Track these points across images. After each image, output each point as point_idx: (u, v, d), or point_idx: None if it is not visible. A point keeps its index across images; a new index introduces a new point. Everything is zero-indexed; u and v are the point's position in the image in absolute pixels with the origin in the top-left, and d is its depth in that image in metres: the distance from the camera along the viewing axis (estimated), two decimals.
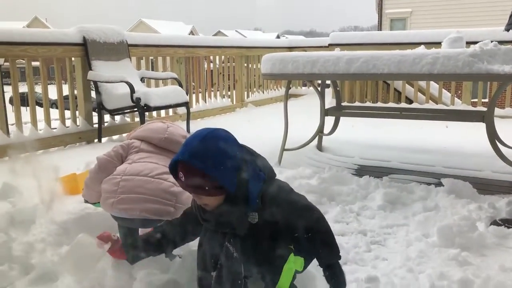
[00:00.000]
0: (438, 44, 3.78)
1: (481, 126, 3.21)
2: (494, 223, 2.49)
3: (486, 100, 6.40)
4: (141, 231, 2.13)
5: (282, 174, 3.31)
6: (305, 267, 1.70)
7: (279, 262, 1.62)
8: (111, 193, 2.01)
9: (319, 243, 1.68)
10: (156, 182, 2.00)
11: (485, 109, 3.49)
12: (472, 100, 6.04)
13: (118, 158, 2.21)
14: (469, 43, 3.40)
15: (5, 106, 4.38)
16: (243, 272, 1.61)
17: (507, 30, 2.51)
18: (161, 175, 2.03)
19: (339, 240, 2.31)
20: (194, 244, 1.94)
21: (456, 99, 6.15)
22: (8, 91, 4.79)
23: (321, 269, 1.73)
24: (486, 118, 3.19)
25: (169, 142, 2.20)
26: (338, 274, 1.69)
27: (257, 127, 5.26)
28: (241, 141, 1.71)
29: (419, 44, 4.07)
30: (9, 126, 4.17)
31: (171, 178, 1.80)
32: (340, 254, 1.72)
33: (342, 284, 1.69)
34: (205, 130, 1.61)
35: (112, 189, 2.02)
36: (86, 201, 2.27)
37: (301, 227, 1.63)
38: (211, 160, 1.53)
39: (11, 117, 4.28)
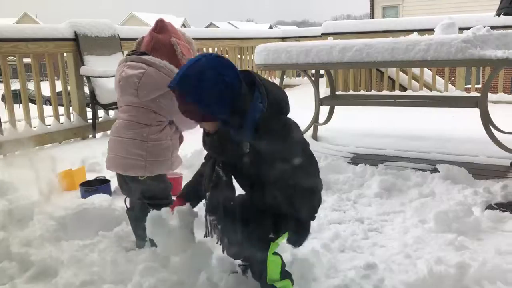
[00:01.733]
0: (431, 30, 3.79)
1: (475, 112, 3.22)
2: (490, 207, 2.51)
3: (480, 86, 6.42)
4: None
5: None
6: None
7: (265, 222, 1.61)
8: None
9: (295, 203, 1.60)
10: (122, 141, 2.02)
11: (478, 94, 3.50)
12: (466, 86, 6.06)
13: None
14: (461, 29, 3.40)
15: None
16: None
17: (498, 15, 2.52)
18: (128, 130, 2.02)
19: (336, 228, 2.34)
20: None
21: (450, 85, 6.16)
22: (0, 88, 4.76)
23: (319, 255, 1.72)
24: (480, 103, 3.20)
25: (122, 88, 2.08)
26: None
27: None
28: None
29: (412, 31, 4.07)
30: (2, 124, 4.14)
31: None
32: (314, 215, 1.69)
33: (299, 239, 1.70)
34: (199, 57, 1.57)
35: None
36: None
37: (286, 172, 1.56)
38: (199, 89, 1.51)
39: (4, 115, 4.25)
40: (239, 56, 7.52)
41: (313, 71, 4.37)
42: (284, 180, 1.55)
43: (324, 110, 4.05)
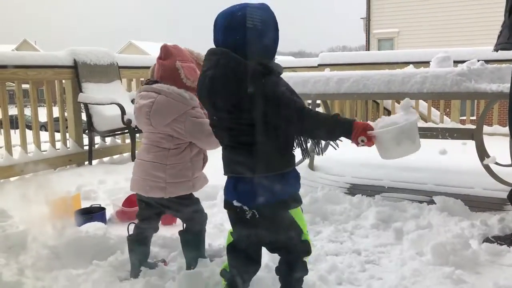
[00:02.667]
0: (426, 63, 3.85)
1: (471, 144, 3.24)
2: (487, 240, 2.50)
3: (474, 117, 6.48)
4: None
5: None
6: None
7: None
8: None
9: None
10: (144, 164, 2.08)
11: (474, 126, 3.53)
12: (461, 118, 6.12)
13: None
14: (456, 63, 3.46)
15: None
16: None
17: (496, 50, 2.56)
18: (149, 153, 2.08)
19: (333, 260, 2.32)
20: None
21: (445, 117, 6.22)
22: None
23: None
24: (475, 135, 3.22)
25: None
26: None
27: None
28: None
29: (407, 63, 4.13)
30: None
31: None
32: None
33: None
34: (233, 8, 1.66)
35: None
36: None
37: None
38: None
39: (0, 140, 4.25)
40: None
41: (310, 101, 4.40)
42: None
43: None
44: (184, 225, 2.19)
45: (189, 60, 2.12)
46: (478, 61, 3.05)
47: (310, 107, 3.36)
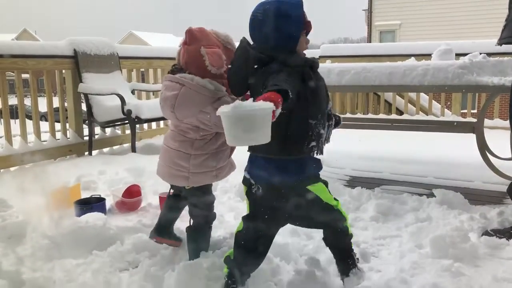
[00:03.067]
0: (428, 56, 3.83)
1: (471, 137, 3.24)
2: (486, 233, 2.50)
3: (475, 111, 6.47)
4: None
5: None
6: None
7: None
8: None
9: None
10: (170, 151, 2.10)
11: (474, 120, 3.52)
12: (462, 111, 6.11)
13: None
14: (458, 55, 3.44)
15: None
16: None
17: (500, 44, 2.54)
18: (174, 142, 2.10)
19: None
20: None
21: (446, 110, 6.21)
22: None
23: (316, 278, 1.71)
24: (476, 129, 3.22)
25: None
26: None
27: None
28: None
29: (409, 56, 4.11)
30: None
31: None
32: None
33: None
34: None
35: None
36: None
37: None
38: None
39: (0, 130, 4.24)
40: None
41: None
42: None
43: None
44: (191, 220, 2.18)
45: (215, 44, 2.04)
46: (480, 54, 3.04)
47: None
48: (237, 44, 1.90)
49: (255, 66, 1.73)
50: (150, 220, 2.67)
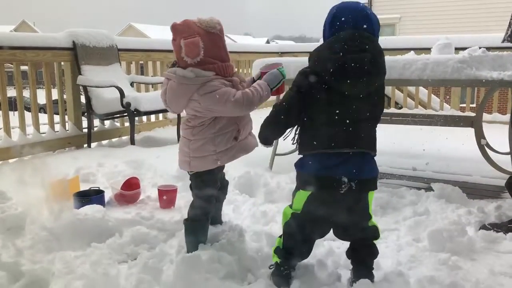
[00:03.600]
0: (427, 50, 3.83)
1: (470, 131, 3.24)
2: (483, 227, 2.51)
3: (474, 105, 6.48)
4: None
5: (273, 179, 3.32)
6: None
7: None
8: None
9: None
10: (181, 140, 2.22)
11: (473, 114, 3.53)
12: (461, 105, 6.11)
13: None
14: (457, 49, 3.44)
15: None
16: None
17: (508, 41, 2.54)
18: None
19: (330, 244, 2.33)
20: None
21: (445, 104, 6.21)
22: None
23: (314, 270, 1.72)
24: (475, 123, 3.22)
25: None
26: None
27: None
28: None
29: (408, 50, 4.11)
30: None
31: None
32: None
33: None
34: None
35: None
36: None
37: None
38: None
39: None
40: (236, 69, 7.53)
41: None
42: None
43: None
44: (188, 213, 2.23)
45: (195, 33, 2.03)
46: (480, 48, 3.04)
47: None
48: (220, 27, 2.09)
49: None
50: (149, 213, 2.68)
